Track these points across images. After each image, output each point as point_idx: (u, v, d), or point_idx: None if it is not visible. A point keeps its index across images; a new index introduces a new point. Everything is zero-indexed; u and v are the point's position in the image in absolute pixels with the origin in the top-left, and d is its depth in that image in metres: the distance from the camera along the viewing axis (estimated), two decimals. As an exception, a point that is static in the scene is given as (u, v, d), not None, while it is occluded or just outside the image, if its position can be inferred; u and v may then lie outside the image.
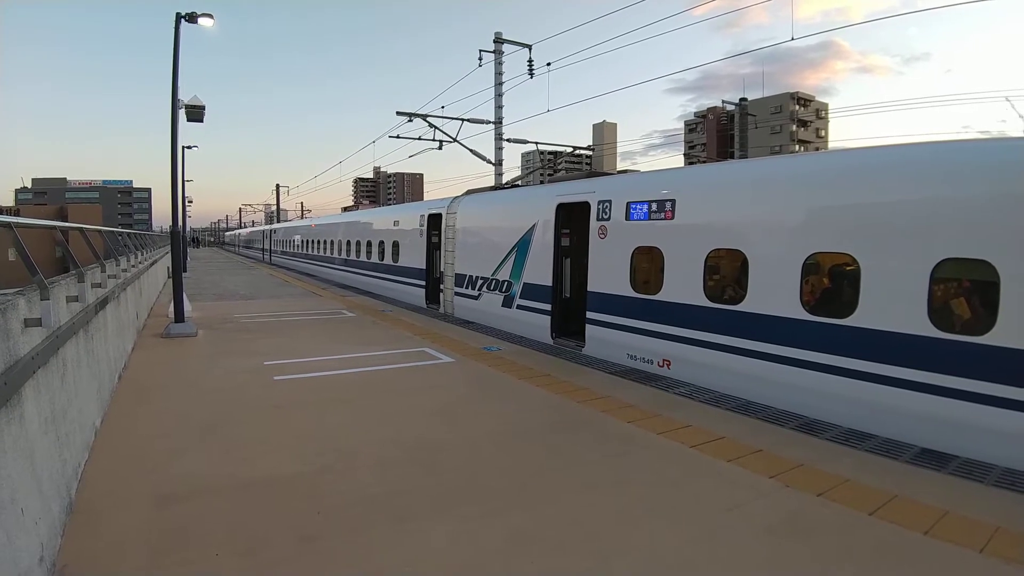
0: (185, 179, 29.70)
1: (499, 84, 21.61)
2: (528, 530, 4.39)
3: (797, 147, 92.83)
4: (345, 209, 60.05)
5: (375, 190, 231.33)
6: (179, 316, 13.06)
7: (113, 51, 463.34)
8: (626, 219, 10.23)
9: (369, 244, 24.00)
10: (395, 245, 21.05)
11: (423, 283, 18.55)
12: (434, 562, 3.96)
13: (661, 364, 9.39)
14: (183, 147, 30.44)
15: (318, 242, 34.01)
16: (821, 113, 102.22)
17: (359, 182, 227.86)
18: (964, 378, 5.98)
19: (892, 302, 6.61)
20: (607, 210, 10.62)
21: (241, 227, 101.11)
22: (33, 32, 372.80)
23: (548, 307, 12.22)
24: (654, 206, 9.70)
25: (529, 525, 4.47)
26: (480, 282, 14.85)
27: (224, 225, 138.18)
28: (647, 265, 9.92)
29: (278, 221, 67.75)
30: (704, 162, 63.86)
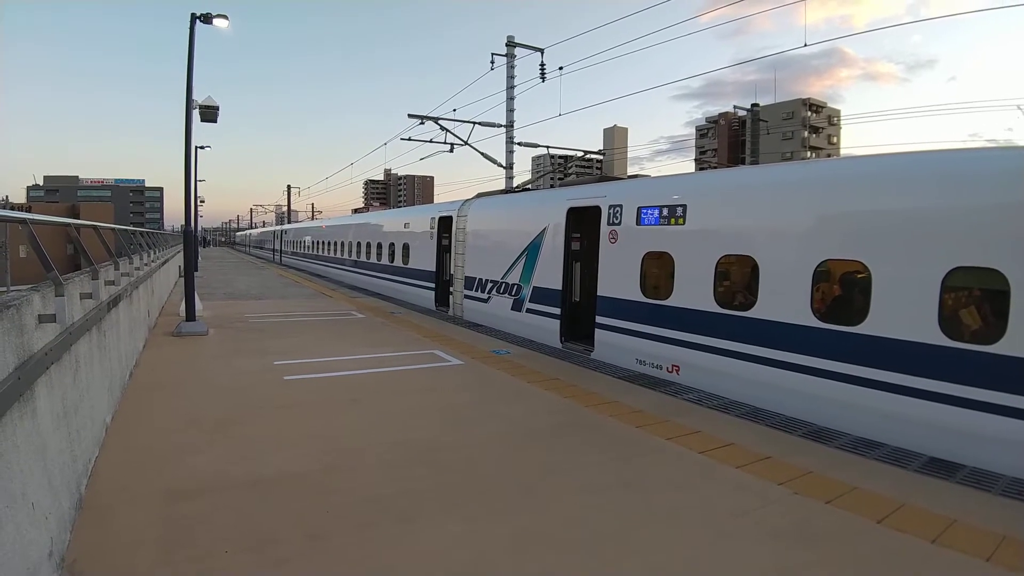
0: (198, 179, 29.89)
1: (511, 88, 21.65)
2: (534, 531, 4.39)
3: (809, 153, 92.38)
4: (355, 211, 60.36)
5: (386, 192, 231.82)
6: (190, 315, 13.14)
7: (128, 52, 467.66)
8: (637, 224, 10.23)
9: (379, 246, 24.06)
10: (405, 247, 21.10)
11: (433, 285, 18.58)
12: (441, 561, 3.97)
13: (670, 369, 9.37)
14: (196, 147, 30.63)
15: (328, 243, 34.12)
16: (833, 119, 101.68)
17: (370, 184, 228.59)
18: (973, 387, 5.95)
19: (903, 310, 6.59)
20: (618, 215, 10.62)
21: (252, 227, 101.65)
22: (47, 32, 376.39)
23: (558, 311, 12.23)
24: (665, 211, 9.69)
25: (535, 526, 4.47)
26: (490, 285, 14.87)
27: (235, 225, 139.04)
28: (657, 270, 9.90)
29: (289, 222, 68.03)
30: (715, 168, 63.69)
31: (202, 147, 36.11)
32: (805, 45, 15.03)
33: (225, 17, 13.25)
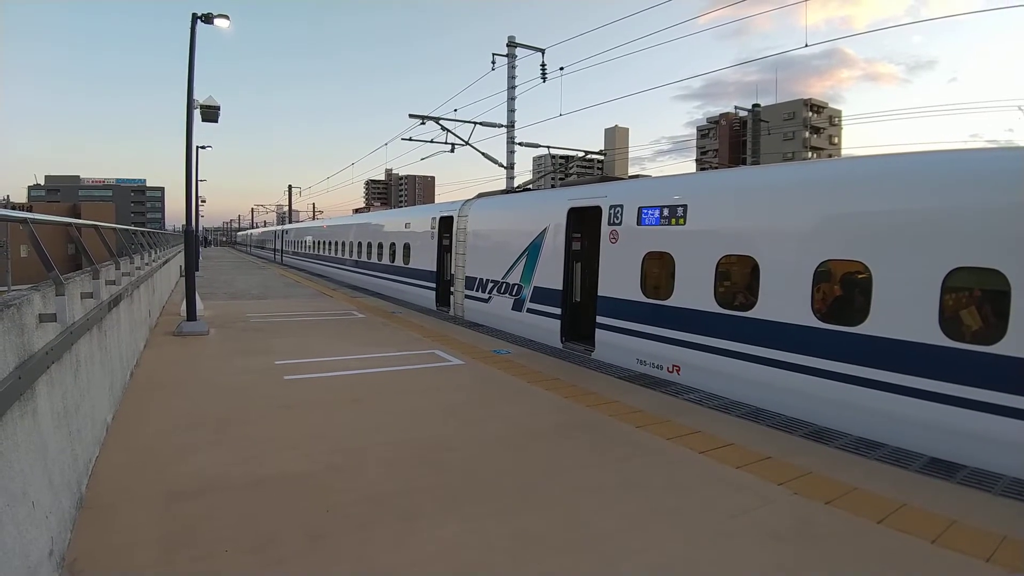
0: (199, 179, 29.91)
1: (512, 88, 21.63)
2: (534, 531, 4.39)
3: (810, 154, 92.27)
4: (356, 211, 60.51)
5: (387, 192, 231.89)
6: (191, 314, 13.15)
7: (129, 52, 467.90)
8: (637, 224, 10.23)
9: (380, 246, 24.08)
10: (406, 247, 21.11)
11: (433, 285, 18.59)
12: (441, 561, 3.97)
13: (671, 370, 9.37)
14: (197, 147, 30.65)
15: (329, 243, 34.14)
16: (834, 120, 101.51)
17: (371, 184, 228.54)
18: (974, 387, 5.95)
19: (903, 310, 6.58)
20: (619, 215, 10.62)
21: (253, 227, 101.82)
22: (48, 31, 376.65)
23: (558, 311, 12.23)
24: (666, 211, 9.69)
25: (536, 526, 4.47)
26: (491, 285, 14.87)
27: (236, 225, 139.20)
28: (658, 270, 9.90)
29: (290, 222, 68.09)
30: (716, 168, 63.65)
31: (203, 147, 36.23)
32: (806, 46, 15.10)
33: (226, 17, 13.26)
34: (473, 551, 4.12)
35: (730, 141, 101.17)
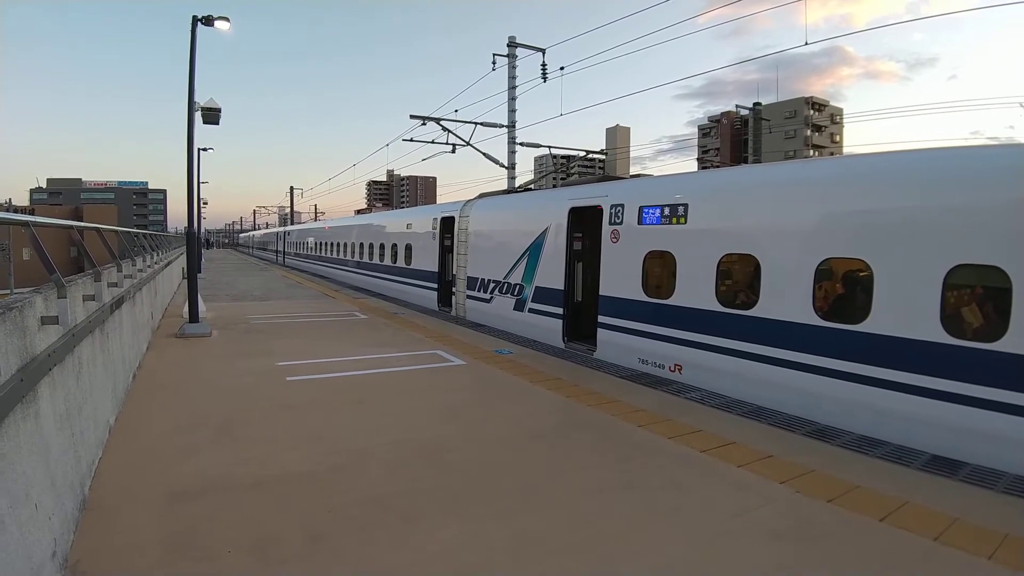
0: (200, 181, 29.94)
1: (512, 88, 21.65)
2: (536, 532, 4.40)
3: (811, 152, 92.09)
4: (358, 211, 60.67)
5: (388, 193, 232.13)
6: (194, 316, 13.18)
7: (131, 54, 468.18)
8: (638, 223, 10.23)
9: (382, 247, 24.08)
10: (408, 248, 21.12)
11: (435, 286, 18.60)
12: (441, 562, 3.98)
13: (672, 369, 9.37)
14: (199, 149, 30.68)
15: (331, 244, 34.16)
16: (836, 118, 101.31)
17: (372, 185, 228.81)
18: (975, 384, 5.94)
19: (905, 308, 6.58)
20: (619, 214, 10.63)
21: (255, 229, 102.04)
22: (49, 33, 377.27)
23: (560, 311, 12.23)
24: (667, 210, 9.69)
25: (537, 527, 4.48)
26: (492, 285, 14.87)
27: (239, 226, 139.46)
28: (659, 270, 9.90)
29: (292, 223, 68.18)
30: (718, 167, 63.61)
31: (205, 149, 36.21)
32: (806, 44, 15.03)
33: (226, 19, 13.27)
34: (474, 552, 4.13)
35: (731, 140, 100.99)
